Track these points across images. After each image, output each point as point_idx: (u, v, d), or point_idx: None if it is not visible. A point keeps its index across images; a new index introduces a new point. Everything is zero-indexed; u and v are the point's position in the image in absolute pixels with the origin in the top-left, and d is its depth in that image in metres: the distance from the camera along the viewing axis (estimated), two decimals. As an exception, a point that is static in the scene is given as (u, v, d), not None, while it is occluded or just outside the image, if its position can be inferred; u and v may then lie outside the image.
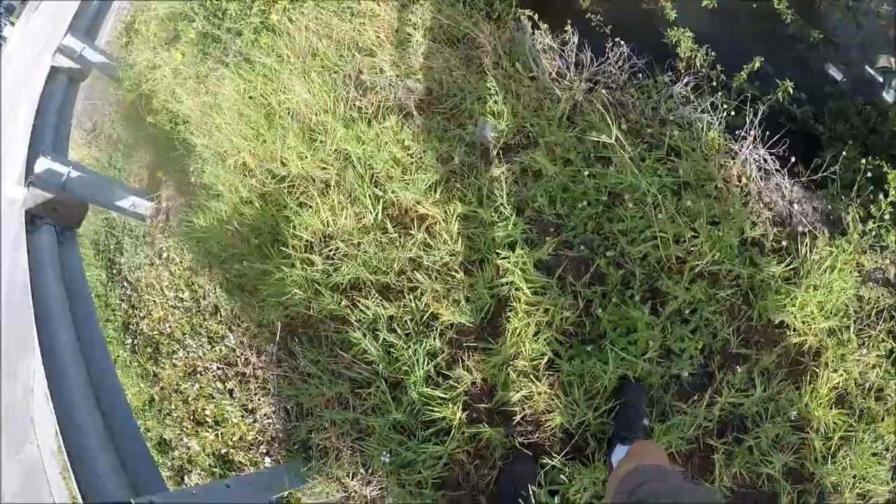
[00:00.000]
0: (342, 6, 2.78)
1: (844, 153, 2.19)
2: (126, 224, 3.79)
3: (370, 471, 1.99)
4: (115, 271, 3.81)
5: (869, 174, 2.06)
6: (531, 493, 1.73)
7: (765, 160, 2.21)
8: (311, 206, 2.38)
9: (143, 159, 3.91)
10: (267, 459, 2.43)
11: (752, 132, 2.19)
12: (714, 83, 2.56)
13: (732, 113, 2.31)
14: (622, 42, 2.41)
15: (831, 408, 1.84)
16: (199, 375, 2.80)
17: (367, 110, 2.49)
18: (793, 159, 2.18)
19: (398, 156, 2.32)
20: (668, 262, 2.03)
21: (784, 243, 2.03)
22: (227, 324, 2.71)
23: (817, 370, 1.88)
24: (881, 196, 2.00)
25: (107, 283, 3.84)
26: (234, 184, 2.71)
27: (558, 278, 2.03)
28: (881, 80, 0.95)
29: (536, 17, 2.48)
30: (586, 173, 2.16)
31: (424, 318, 2.08)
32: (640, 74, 2.43)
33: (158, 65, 3.67)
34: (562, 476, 1.81)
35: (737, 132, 2.24)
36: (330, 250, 2.31)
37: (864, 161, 2.14)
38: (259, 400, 2.51)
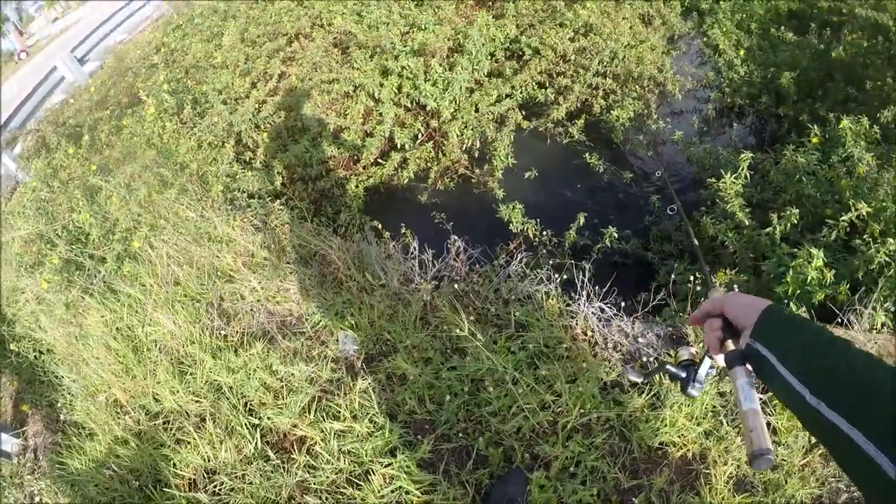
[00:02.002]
0: (200, 231, 2.96)
1: (676, 268, 2.51)
2: (-10, 462, 3.48)
3: None
4: (-20, 517, 3.43)
5: (699, 285, 2.38)
6: None
7: (602, 310, 2.51)
8: (189, 442, 2.40)
9: (5, 389, 3.67)
10: None
11: (584, 291, 2.51)
12: (548, 247, 2.98)
13: (565, 276, 2.62)
14: (456, 237, 2.75)
15: (734, 496, 1.98)
16: None
17: (233, 338, 2.62)
18: (623, 303, 2.48)
19: (268, 381, 2.44)
20: (542, 428, 2.21)
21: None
22: (112, 577, 2.55)
23: (708, 470, 2.04)
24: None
25: (-29, 531, 3.43)
26: (106, 422, 2.66)
27: (444, 472, 2.15)
28: (684, 375, 1.13)
29: (380, 225, 2.81)
30: (446, 368, 2.40)
31: (319, 542, 2.12)
32: (478, 264, 2.75)
33: (21, 288, 3.60)
34: None
35: (572, 294, 2.54)
36: (215, 486, 2.31)
37: (691, 275, 2.48)
38: None
